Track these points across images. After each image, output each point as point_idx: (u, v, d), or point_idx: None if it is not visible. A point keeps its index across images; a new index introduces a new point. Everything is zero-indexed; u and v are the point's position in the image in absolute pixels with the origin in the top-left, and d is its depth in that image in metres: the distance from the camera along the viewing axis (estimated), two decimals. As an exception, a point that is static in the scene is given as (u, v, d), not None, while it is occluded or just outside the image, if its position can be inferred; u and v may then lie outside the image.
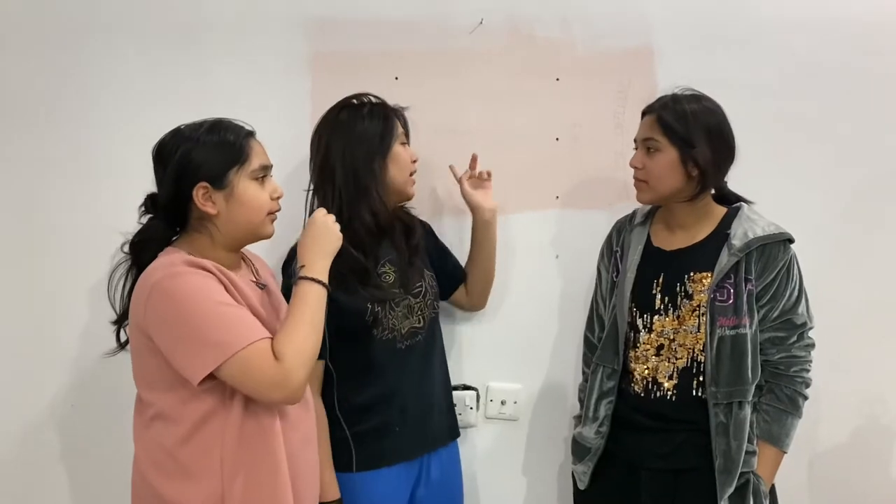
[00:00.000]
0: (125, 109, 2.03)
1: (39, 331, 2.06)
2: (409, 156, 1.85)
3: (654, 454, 1.78)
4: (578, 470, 1.90)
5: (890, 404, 2.17)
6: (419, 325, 1.86)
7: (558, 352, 2.17)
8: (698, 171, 1.74)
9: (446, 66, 2.09)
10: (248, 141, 1.54)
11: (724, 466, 1.72)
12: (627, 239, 1.90)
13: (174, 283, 1.40)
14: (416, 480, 1.86)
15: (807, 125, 2.11)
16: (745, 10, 2.08)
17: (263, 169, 1.54)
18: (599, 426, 1.85)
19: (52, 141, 2.04)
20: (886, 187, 2.13)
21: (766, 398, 1.77)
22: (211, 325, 1.38)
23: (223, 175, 1.49)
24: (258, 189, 1.53)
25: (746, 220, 1.77)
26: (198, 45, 2.04)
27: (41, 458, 2.09)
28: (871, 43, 2.09)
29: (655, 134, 1.75)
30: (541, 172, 2.12)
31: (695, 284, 1.77)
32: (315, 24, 2.06)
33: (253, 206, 1.52)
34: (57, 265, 2.05)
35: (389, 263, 1.84)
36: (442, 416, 1.92)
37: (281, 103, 2.06)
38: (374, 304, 1.78)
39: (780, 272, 1.75)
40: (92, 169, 2.03)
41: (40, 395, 2.08)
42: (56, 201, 2.04)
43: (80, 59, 2.03)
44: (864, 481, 2.18)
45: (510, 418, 2.18)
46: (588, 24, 2.09)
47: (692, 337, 1.76)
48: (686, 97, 1.77)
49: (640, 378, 1.81)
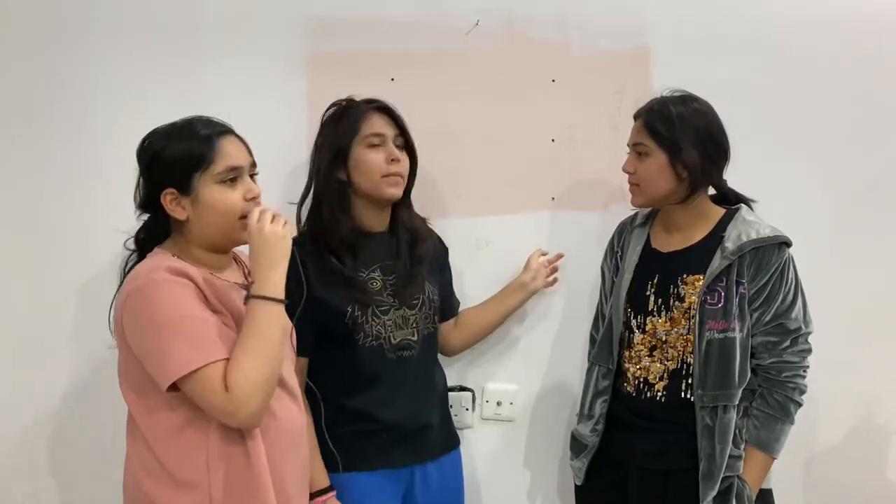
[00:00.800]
0: (122, 110, 2.03)
1: (39, 330, 2.06)
2: (381, 157, 1.77)
3: (644, 454, 1.78)
4: (575, 466, 1.92)
5: (886, 405, 2.17)
6: (413, 339, 1.83)
7: (554, 352, 2.17)
8: (687, 173, 1.74)
9: (442, 66, 2.09)
10: (217, 141, 1.48)
11: (707, 469, 1.71)
12: (628, 239, 1.91)
13: (149, 291, 1.39)
14: (408, 487, 1.83)
15: (803, 126, 2.10)
16: (741, 11, 2.08)
17: (232, 170, 1.48)
18: (595, 424, 1.86)
19: (49, 141, 2.05)
20: (883, 189, 2.13)
21: (757, 403, 1.77)
22: (176, 339, 1.36)
23: (187, 180, 1.46)
24: (225, 192, 1.47)
25: (742, 223, 1.76)
26: (194, 44, 2.04)
27: (42, 456, 2.09)
28: (867, 44, 2.09)
29: (644, 139, 1.76)
30: (536, 173, 2.12)
31: (687, 287, 1.77)
32: (311, 24, 2.07)
33: (219, 209, 1.47)
34: (56, 265, 2.05)
35: (381, 271, 1.82)
36: (438, 431, 1.88)
37: (277, 104, 2.06)
38: (354, 307, 1.77)
39: (774, 275, 1.74)
40: (89, 169, 2.04)
41: (40, 394, 2.08)
42: (53, 201, 2.04)
43: (77, 60, 2.03)
44: (859, 482, 2.17)
45: (506, 419, 2.17)
46: (584, 25, 2.09)
47: (683, 339, 1.76)
48: (674, 99, 1.77)
49: (633, 378, 1.81)
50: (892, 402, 2.16)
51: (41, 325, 2.05)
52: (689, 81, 1.83)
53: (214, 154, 1.47)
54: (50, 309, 2.05)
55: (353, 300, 1.77)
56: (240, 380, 1.35)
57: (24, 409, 2.06)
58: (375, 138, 1.77)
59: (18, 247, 2.04)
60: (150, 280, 1.40)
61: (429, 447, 1.86)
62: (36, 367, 2.06)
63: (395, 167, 1.77)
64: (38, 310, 2.05)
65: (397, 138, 1.81)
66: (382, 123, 1.79)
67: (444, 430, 1.91)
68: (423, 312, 1.85)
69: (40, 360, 2.06)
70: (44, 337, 2.05)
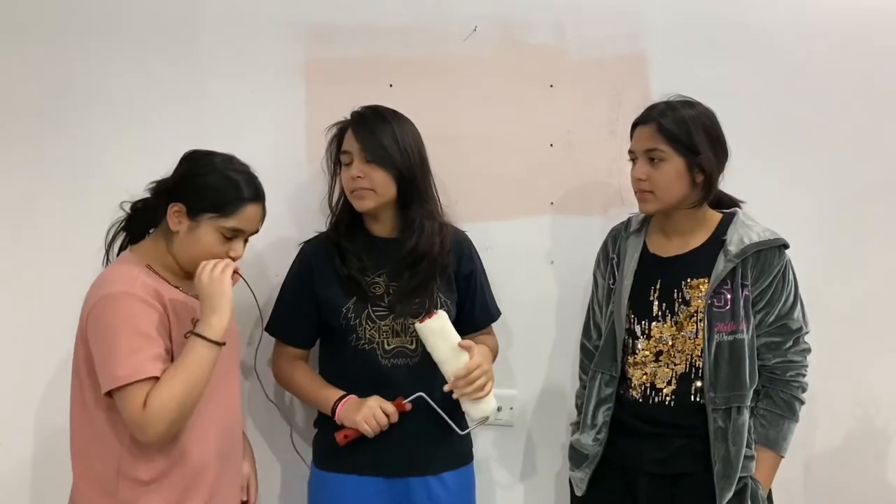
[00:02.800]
0: (120, 116, 2.04)
1: (38, 330, 2.06)
2: (347, 174, 1.82)
3: (653, 459, 1.77)
4: (576, 476, 1.89)
5: (884, 407, 2.17)
6: (410, 347, 1.84)
7: (554, 357, 2.17)
8: (703, 176, 1.74)
9: (440, 72, 2.09)
10: (245, 206, 1.61)
11: (724, 471, 1.72)
12: (623, 246, 1.89)
13: (117, 303, 1.51)
14: (404, 499, 1.83)
15: (800, 129, 2.11)
16: (738, 16, 2.09)
17: (235, 231, 1.61)
18: (597, 433, 1.84)
19: (48, 143, 2.05)
20: (881, 191, 2.13)
21: (763, 403, 1.78)
22: (122, 353, 1.48)
23: (199, 213, 1.59)
24: (217, 241, 1.60)
25: (742, 226, 1.77)
26: (194, 51, 2.05)
27: (44, 455, 2.09)
28: (864, 47, 2.10)
29: (659, 144, 1.73)
30: (535, 178, 2.12)
31: (692, 290, 1.77)
32: (309, 30, 2.07)
33: (202, 249, 1.59)
34: (55, 264, 2.05)
35: (386, 276, 1.84)
36: (441, 444, 1.87)
37: (275, 109, 2.07)
38: (349, 308, 1.82)
39: (776, 278, 1.75)
40: (88, 171, 2.04)
41: (38, 393, 2.08)
42: (52, 203, 2.05)
43: (76, 67, 2.03)
44: (859, 483, 2.18)
45: (506, 424, 2.17)
46: (581, 30, 2.10)
47: (690, 343, 1.77)
48: (680, 103, 1.76)
49: (639, 384, 1.81)
50: (891, 405, 2.17)
51: (42, 324, 2.06)
52: (687, 86, 1.83)
53: (235, 213, 1.60)
54: (49, 307, 2.04)
55: (350, 300, 1.82)
56: (156, 402, 1.47)
57: (24, 410, 2.07)
58: (345, 156, 1.84)
59: (16, 245, 2.05)
60: (121, 292, 1.52)
61: (431, 460, 1.85)
62: (36, 364, 2.06)
63: (356, 183, 1.81)
64: (36, 309, 2.06)
65: (361, 152, 1.81)
66: (351, 140, 1.83)
67: (449, 445, 1.89)
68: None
69: (40, 357, 2.06)
70: (43, 335, 2.06)
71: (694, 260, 1.79)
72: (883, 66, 2.10)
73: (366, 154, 1.80)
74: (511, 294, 2.13)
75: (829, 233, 2.13)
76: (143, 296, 1.52)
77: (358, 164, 1.80)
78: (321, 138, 1.91)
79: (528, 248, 2.14)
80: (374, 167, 1.80)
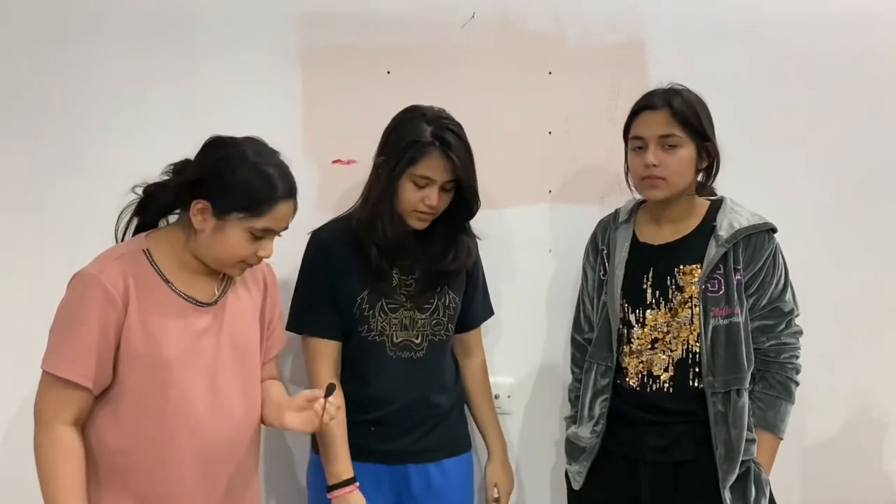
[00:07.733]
0: (116, 106, 2.02)
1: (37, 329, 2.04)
2: (417, 196, 1.75)
3: (654, 447, 1.78)
4: (573, 470, 1.89)
5: (880, 397, 2.18)
6: (416, 341, 1.84)
7: (551, 345, 2.17)
8: (709, 161, 1.74)
9: (438, 60, 2.09)
10: (277, 204, 1.49)
11: (726, 455, 1.73)
12: (613, 237, 1.89)
13: (79, 285, 1.47)
14: (403, 486, 1.84)
15: (797, 119, 2.12)
16: (736, 4, 2.09)
17: (265, 231, 1.51)
18: (595, 425, 1.84)
19: (44, 137, 2.03)
20: (877, 182, 2.15)
21: (759, 386, 1.79)
22: (61, 337, 1.46)
23: (227, 211, 1.48)
24: (245, 241, 1.50)
25: (731, 212, 1.79)
26: (190, 38, 2.03)
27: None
28: (863, 37, 2.10)
29: (674, 129, 1.73)
30: (533, 166, 2.12)
31: (685, 276, 1.77)
32: (306, 18, 2.06)
33: (228, 250, 1.50)
34: (54, 264, 2.02)
35: (402, 270, 1.83)
36: (441, 434, 1.88)
37: (272, 98, 2.05)
38: (364, 297, 1.79)
39: (767, 261, 1.77)
40: (84, 163, 2.02)
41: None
42: (50, 197, 2.03)
43: (70, 56, 2.02)
44: (854, 473, 2.19)
45: (504, 412, 2.17)
46: (580, 18, 2.09)
47: (686, 328, 1.77)
48: (682, 89, 1.77)
49: (635, 372, 1.81)
50: (886, 396, 2.18)
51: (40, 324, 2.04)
52: (685, 74, 1.83)
53: (268, 213, 1.49)
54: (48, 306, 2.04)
55: (365, 290, 1.80)
56: (37, 437, 1.47)
57: (22, 409, 2.05)
58: (422, 180, 1.75)
59: (15, 245, 2.03)
60: (90, 275, 1.46)
61: (429, 448, 1.86)
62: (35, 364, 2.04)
63: (424, 207, 1.76)
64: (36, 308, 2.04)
65: (448, 183, 1.77)
66: (436, 166, 1.74)
67: (448, 434, 1.90)
68: (435, 318, 1.85)
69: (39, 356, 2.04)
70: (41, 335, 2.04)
71: (685, 246, 1.80)
72: (882, 60, 2.11)
73: (455, 182, 1.77)
74: (509, 282, 2.13)
75: (826, 223, 2.14)
76: (104, 283, 1.44)
77: (434, 191, 1.74)
78: (317, 126, 1.91)
79: (526, 237, 2.14)
80: (447, 195, 1.78)
